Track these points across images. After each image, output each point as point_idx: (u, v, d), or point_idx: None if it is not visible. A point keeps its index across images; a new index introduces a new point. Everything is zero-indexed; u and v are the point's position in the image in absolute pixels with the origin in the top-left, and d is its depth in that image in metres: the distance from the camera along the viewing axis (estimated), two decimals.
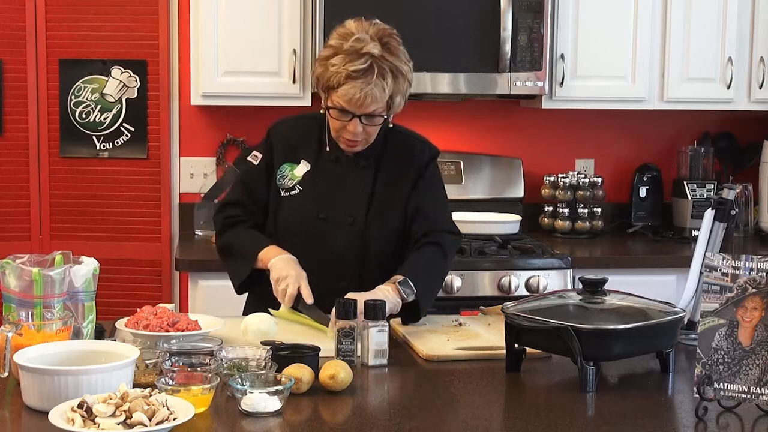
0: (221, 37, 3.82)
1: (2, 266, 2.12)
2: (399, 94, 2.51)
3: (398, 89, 2.50)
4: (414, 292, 2.47)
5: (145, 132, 4.12)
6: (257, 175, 2.68)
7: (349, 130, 2.52)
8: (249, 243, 2.62)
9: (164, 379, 1.87)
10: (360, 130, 2.51)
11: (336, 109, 2.50)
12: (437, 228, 2.65)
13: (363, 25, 2.50)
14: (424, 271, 2.56)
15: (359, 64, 2.43)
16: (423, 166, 2.67)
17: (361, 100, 2.44)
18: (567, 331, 2.02)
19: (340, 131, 2.54)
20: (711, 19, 4.04)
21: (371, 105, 2.47)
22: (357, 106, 2.46)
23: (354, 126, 2.50)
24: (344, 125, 2.51)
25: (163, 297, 4.10)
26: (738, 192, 4.14)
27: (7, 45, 4.04)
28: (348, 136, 2.53)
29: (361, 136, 2.53)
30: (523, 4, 3.80)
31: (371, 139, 2.58)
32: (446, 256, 2.64)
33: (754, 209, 4.34)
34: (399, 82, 2.49)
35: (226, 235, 2.68)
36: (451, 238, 2.68)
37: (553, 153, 4.41)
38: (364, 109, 2.47)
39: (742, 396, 1.87)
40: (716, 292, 1.90)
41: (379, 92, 2.45)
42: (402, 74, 2.50)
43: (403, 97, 2.54)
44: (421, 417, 1.86)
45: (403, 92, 2.53)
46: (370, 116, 2.50)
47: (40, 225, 4.12)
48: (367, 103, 2.45)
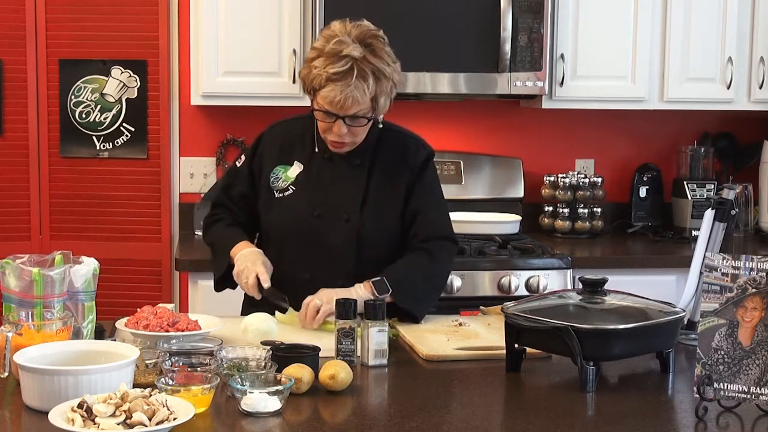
0: (221, 37, 3.82)
1: (2, 266, 2.12)
2: (383, 95, 2.52)
3: (381, 90, 2.50)
4: (390, 292, 2.50)
5: (145, 132, 4.12)
6: (238, 178, 2.73)
7: (334, 131, 2.53)
8: (224, 241, 2.68)
9: (164, 379, 1.87)
10: (345, 131, 2.53)
11: (320, 111, 2.52)
12: (434, 234, 2.66)
13: (347, 27, 2.51)
14: (407, 272, 2.58)
15: (339, 67, 2.45)
16: (419, 166, 2.67)
17: (341, 102, 2.46)
18: (567, 331, 2.02)
19: (326, 133, 2.56)
20: (711, 19, 4.04)
21: (353, 107, 2.48)
22: (338, 107, 2.47)
23: (338, 127, 2.52)
24: (330, 126, 2.53)
25: (163, 297, 4.10)
26: (738, 192, 4.14)
27: (7, 45, 4.04)
28: (333, 137, 2.55)
29: (346, 137, 2.55)
30: (523, 4, 3.80)
31: (358, 139, 2.59)
32: (436, 260, 2.63)
33: (754, 209, 4.34)
34: (382, 83, 2.50)
35: (209, 235, 2.76)
36: (446, 245, 2.69)
37: (553, 153, 4.41)
38: (346, 111, 2.48)
39: (742, 396, 1.88)
40: (716, 292, 1.90)
41: (360, 94, 2.46)
42: (385, 76, 2.50)
43: (388, 97, 2.55)
44: (421, 417, 1.86)
45: (388, 93, 2.54)
46: (353, 117, 2.51)
47: (40, 225, 4.12)
48: (348, 105, 2.47)
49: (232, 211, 2.74)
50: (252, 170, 2.70)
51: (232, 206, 2.74)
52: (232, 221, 2.73)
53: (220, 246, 2.69)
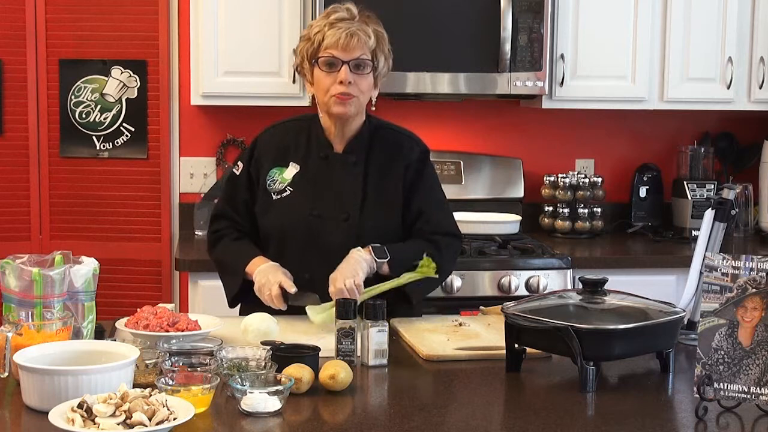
0: (221, 37, 3.82)
1: (2, 266, 2.12)
2: (382, 55, 2.57)
3: (381, 48, 2.56)
4: (387, 259, 2.53)
5: (145, 132, 4.12)
6: (238, 185, 2.71)
7: (340, 78, 2.53)
8: (235, 258, 2.65)
9: (164, 379, 1.87)
10: (350, 80, 2.53)
11: (324, 64, 2.53)
12: (439, 230, 2.67)
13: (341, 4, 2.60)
14: (408, 248, 2.61)
15: (340, 13, 2.53)
16: (415, 162, 2.68)
17: (347, 40, 2.49)
18: (567, 331, 2.02)
19: (331, 89, 2.55)
20: (711, 19, 4.04)
21: (357, 48, 2.51)
22: (344, 48, 2.50)
23: (344, 74, 2.52)
24: (334, 80, 2.53)
25: (163, 297, 4.10)
26: (738, 192, 4.14)
27: (7, 45, 4.04)
28: (339, 89, 2.54)
29: (352, 88, 2.54)
30: (523, 4, 3.80)
31: (362, 98, 2.59)
32: (440, 250, 2.63)
33: (754, 209, 4.34)
34: (381, 42, 2.56)
35: (215, 251, 2.74)
36: (451, 241, 2.70)
37: (553, 153, 4.41)
38: (350, 53, 2.51)
39: (742, 396, 1.88)
40: (716, 292, 1.90)
41: (363, 35, 2.51)
42: (383, 37, 2.57)
43: (386, 60, 2.59)
44: (421, 417, 1.86)
45: (387, 54, 2.59)
46: (357, 65, 2.53)
47: (40, 225, 4.12)
48: (353, 44, 2.50)
49: (235, 221, 2.71)
50: (251, 175, 2.70)
51: (236, 216, 2.71)
52: (237, 235, 2.70)
53: (231, 264, 2.66)
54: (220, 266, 2.73)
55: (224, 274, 2.71)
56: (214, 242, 2.73)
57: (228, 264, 2.68)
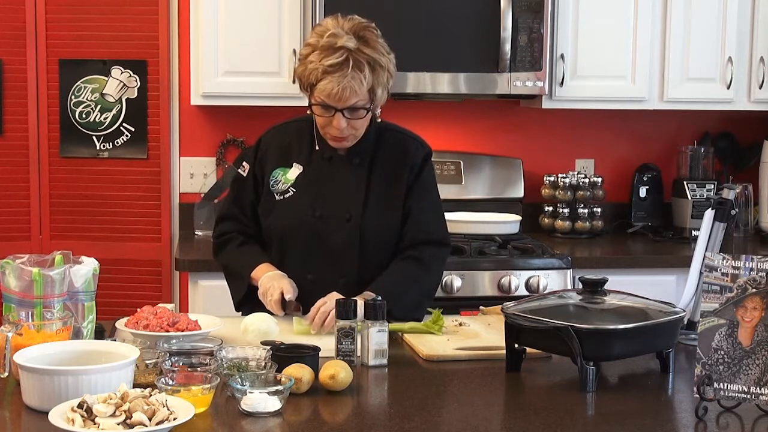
0: (221, 37, 3.82)
1: (2, 266, 2.12)
2: (380, 86, 2.52)
3: (378, 81, 2.51)
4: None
5: (145, 132, 4.12)
6: (245, 186, 2.71)
7: (333, 125, 2.53)
8: (241, 264, 2.66)
9: (164, 379, 1.87)
10: (344, 125, 2.52)
11: (319, 105, 2.52)
12: (428, 237, 2.66)
13: (339, 21, 2.52)
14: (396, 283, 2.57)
15: (335, 58, 2.45)
16: (418, 165, 2.67)
17: (339, 93, 2.46)
18: (567, 331, 2.02)
19: (326, 128, 2.56)
20: (711, 19, 4.04)
21: (351, 98, 2.48)
22: (337, 99, 2.48)
23: (338, 121, 2.51)
24: (329, 121, 2.53)
25: (163, 297, 4.10)
26: (738, 192, 4.14)
27: (7, 45, 4.04)
28: (334, 132, 2.55)
29: (347, 131, 2.55)
30: (523, 4, 3.80)
31: (359, 133, 2.59)
32: (428, 269, 2.64)
33: (754, 209, 4.34)
34: (378, 73, 2.51)
35: (222, 256, 2.74)
36: (436, 251, 2.68)
37: (553, 153, 4.41)
38: (344, 103, 2.49)
39: (742, 396, 1.88)
40: (716, 292, 1.90)
41: (357, 85, 2.46)
42: (381, 66, 2.51)
43: (384, 89, 2.55)
44: (421, 417, 1.86)
45: (384, 84, 2.54)
46: (352, 110, 2.51)
47: (40, 225, 4.12)
48: (346, 96, 2.47)
49: (242, 222, 2.71)
50: (256, 176, 2.70)
51: (243, 217, 2.71)
52: (243, 239, 2.70)
53: (237, 269, 2.67)
54: (226, 271, 2.74)
55: (229, 278, 2.72)
56: (220, 246, 2.74)
57: (234, 269, 2.69)
